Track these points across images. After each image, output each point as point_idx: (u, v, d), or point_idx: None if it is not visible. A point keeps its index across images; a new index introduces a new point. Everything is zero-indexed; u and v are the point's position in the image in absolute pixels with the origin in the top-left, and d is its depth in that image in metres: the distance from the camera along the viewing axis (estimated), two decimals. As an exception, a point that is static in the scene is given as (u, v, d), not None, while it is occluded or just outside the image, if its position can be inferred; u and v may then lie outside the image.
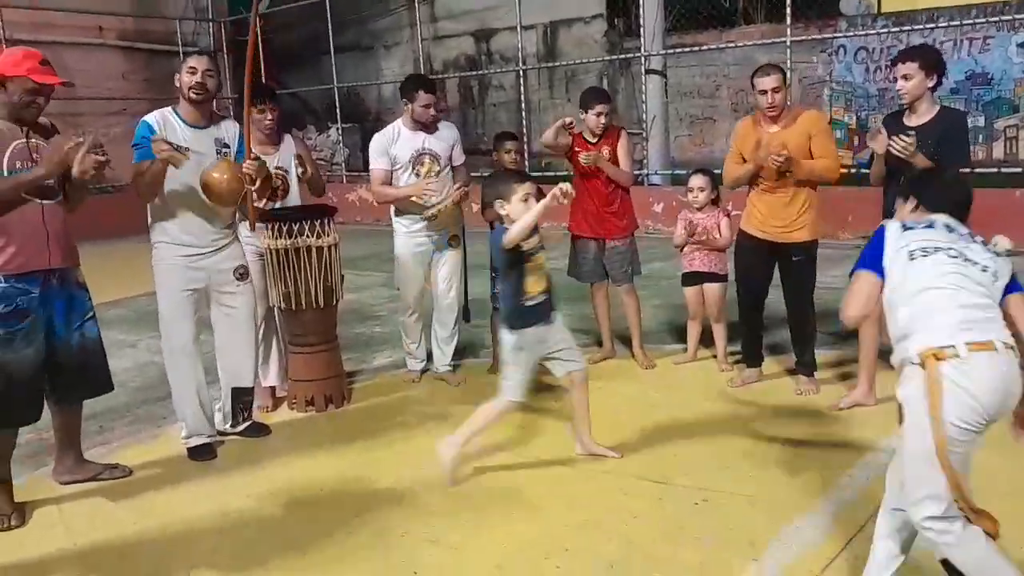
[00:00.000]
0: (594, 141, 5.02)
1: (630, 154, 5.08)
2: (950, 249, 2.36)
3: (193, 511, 3.55)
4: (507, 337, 3.64)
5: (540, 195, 3.55)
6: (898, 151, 3.84)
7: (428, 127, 4.79)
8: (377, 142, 4.83)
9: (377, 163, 4.81)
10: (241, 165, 3.91)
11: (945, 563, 2.37)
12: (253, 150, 4.37)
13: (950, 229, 2.45)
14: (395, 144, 4.78)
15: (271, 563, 3.10)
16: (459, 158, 4.97)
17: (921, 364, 2.25)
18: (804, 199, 4.36)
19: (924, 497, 2.26)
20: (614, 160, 4.98)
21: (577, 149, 5.02)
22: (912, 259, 2.36)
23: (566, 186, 3.38)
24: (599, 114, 4.93)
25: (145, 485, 3.84)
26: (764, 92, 4.28)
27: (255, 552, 3.19)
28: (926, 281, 2.33)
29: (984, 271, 2.35)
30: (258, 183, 3.95)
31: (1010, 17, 10.14)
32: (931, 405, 2.20)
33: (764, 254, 4.49)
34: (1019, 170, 8.84)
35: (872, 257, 2.45)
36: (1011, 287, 2.38)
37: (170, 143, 3.73)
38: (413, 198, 4.75)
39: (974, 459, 2.35)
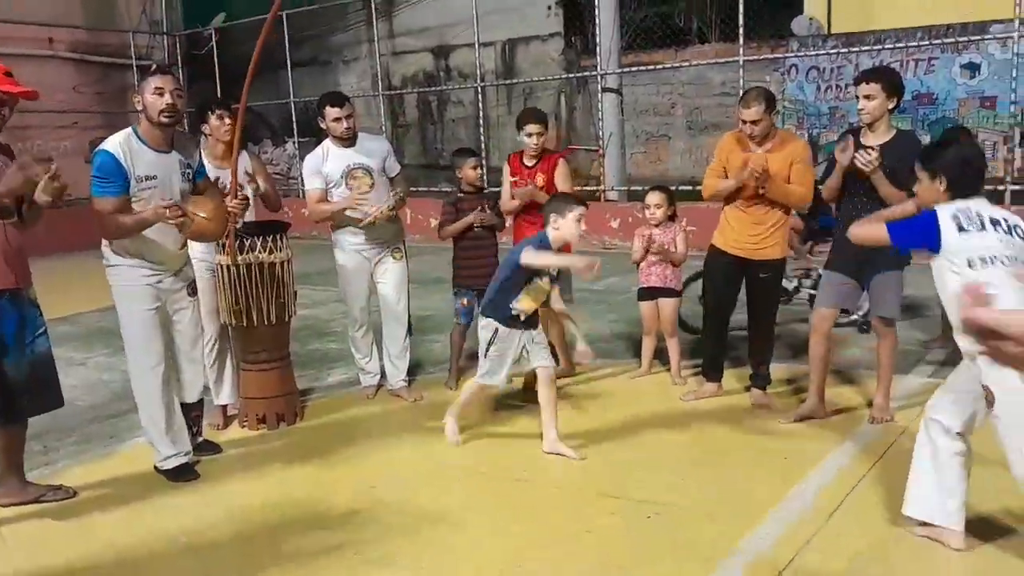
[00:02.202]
0: (531, 165, 4.95)
1: (569, 180, 4.99)
2: (1004, 258, 2.61)
3: (140, 534, 3.46)
4: (485, 328, 4.03)
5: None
6: (862, 165, 3.92)
7: (348, 141, 4.78)
8: (309, 163, 4.83)
9: (311, 183, 4.81)
10: (225, 204, 3.88)
11: None
12: (210, 165, 4.33)
13: (995, 225, 2.67)
14: (326, 162, 4.77)
15: (220, 585, 3.04)
16: (393, 168, 4.94)
17: None
18: (777, 218, 4.42)
19: None
20: (550, 187, 4.88)
21: (513, 178, 4.97)
22: (971, 267, 2.61)
23: (597, 266, 3.78)
24: (530, 134, 4.86)
25: (91, 507, 3.73)
26: (744, 122, 4.34)
27: (205, 574, 3.12)
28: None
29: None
30: (241, 222, 3.89)
31: (953, 39, 10.46)
32: None
33: (734, 270, 4.55)
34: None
35: (905, 236, 2.77)
36: None
37: (180, 206, 3.63)
38: (347, 211, 4.74)
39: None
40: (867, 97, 4.02)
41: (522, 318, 4.02)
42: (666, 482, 3.71)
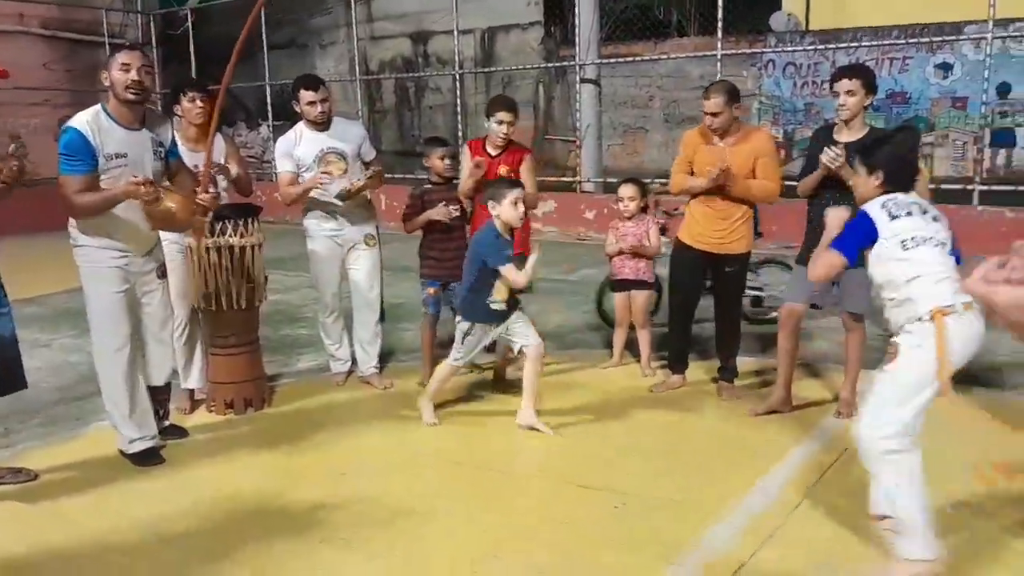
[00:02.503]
0: (494, 154, 4.77)
1: (534, 176, 4.85)
2: (932, 239, 2.85)
3: (105, 519, 3.42)
4: (461, 323, 4.13)
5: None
6: (827, 161, 3.95)
7: (323, 125, 4.73)
8: (281, 146, 4.78)
9: (283, 166, 4.75)
10: (195, 197, 3.82)
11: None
12: (183, 148, 4.26)
13: (924, 212, 2.91)
14: (298, 146, 4.73)
15: (186, 573, 3.02)
16: (369, 154, 4.89)
17: (931, 319, 2.73)
18: (742, 213, 4.45)
19: (886, 422, 2.74)
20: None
21: (477, 159, 4.74)
22: (905, 248, 2.83)
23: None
24: (500, 122, 4.69)
25: (55, 491, 3.68)
26: (706, 114, 4.36)
27: (170, 562, 3.10)
28: (919, 267, 2.80)
29: (945, 246, 2.86)
30: (210, 215, 3.89)
31: (928, 39, 10.57)
32: (939, 349, 2.68)
33: (699, 264, 4.58)
34: (934, 186, 9.18)
35: (850, 245, 2.93)
36: (954, 253, 2.89)
37: (153, 183, 3.58)
38: (315, 193, 4.70)
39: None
40: (848, 93, 4.04)
41: (502, 309, 4.05)
42: (633, 473, 3.73)
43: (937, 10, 11.11)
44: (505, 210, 4.03)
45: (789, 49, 12.40)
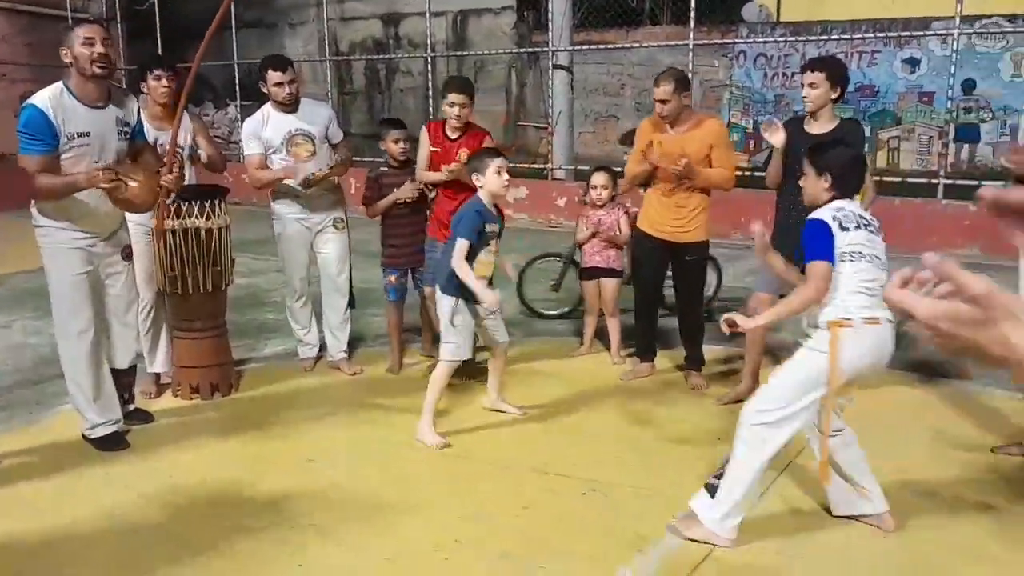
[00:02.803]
0: (454, 138, 4.65)
1: None
2: (873, 256, 2.97)
3: (68, 507, 3.36)
4: (445, 302, 3.93)
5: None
6: (770, 139, 4.07)
7: (290, 107, 4.66)
8: (248, 127, 4.72)
9: (251, 148, 4.69)
10: (158, 178, 3.75)
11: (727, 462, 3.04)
12: (148, 126, 4.18)
13: (867, 225, 3.02)
14: (266, 127, 4.66)
15: (152, 562, 2.98)
16: (336, 136, 4.85)
17: (827, 328, 2.92)
18: (698, 202, 4.48)
19: (770, 402, 2.97)
20: None
21: (435, 148, 4.65)
22: (842, 260, 2.96)
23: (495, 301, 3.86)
24: (452, 104, 4.56)
25: (12, 478, 3.60)
26: (655, 100, 4.39)
27: (135, 551, 3.06)
28: (843, 279, 2.94)
29: (879, 260, 2.99)
30: (172, 196, 3.82)
31: (896, 34, 10.69)
32: (831, 357, 2.87)
33: (659, 252, 4.61)
34: (899, 180, 9.31)
35: (824, 248, 3.01)
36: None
37: (115, 171, 3.49)
38: (286, 180, 4.64)
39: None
40: (811, 85, 4.09)
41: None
42: (601, 460, 3.75)
43: (906, 6, 11.24)
44: (489, 179, 3.91)
45: (760, 40, 12.46)
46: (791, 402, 2.93)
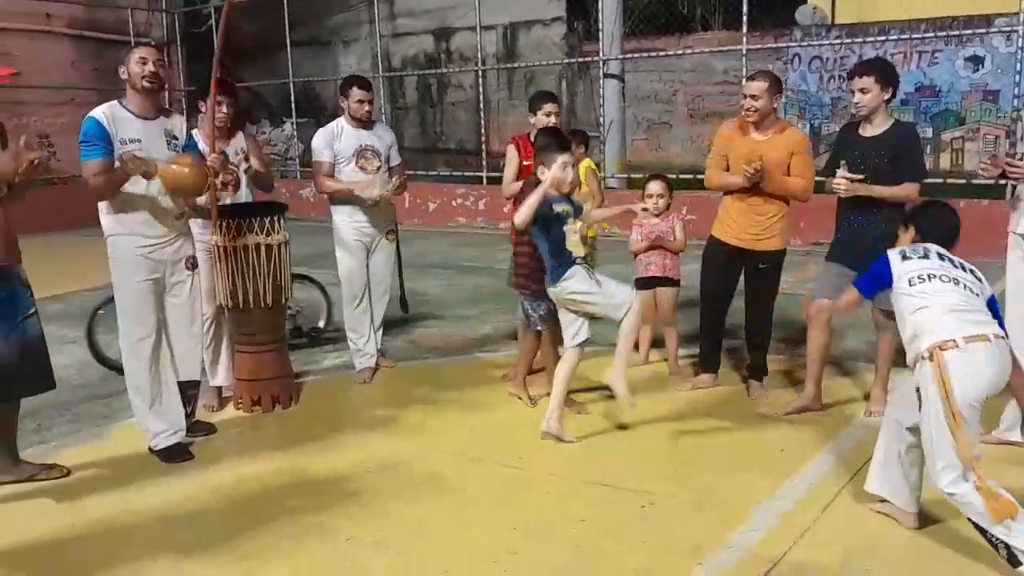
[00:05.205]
0: None
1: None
2: (942, 276, 2.95)
3: (133, 513, 3.46)
4: (553, 291, 4.05)
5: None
6: (842, 192, 4.00)
7: (365, 124, 5.00)
8: (322, 136, 5.01)
9: (322, 156, 4.97)
10: (204, 165, 3.93)
11: (972, 522, 2.78)
12: (202, 145, 4.34)
13: (941, 257, 3.03)
14: (339, 139, 4.97)
15: (213, 568, 3.03)
16: (395, 159, 5.18)
17: (930, 357, 2.80)
18: (776, 209, 4.40)
19: (942, 468, 2.76)
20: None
21: (527, 162, 4.67)
22: (911, 284, 2.96)
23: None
24: (548, 114, 4.72)
25: (84, 486, 3.73)
26: (745, 96, 4.32)
27: (196, 556, 3.11)
28: (924, 299, 2.91)
29: (966, 287, 2.93)
30: (221, 176, 4.04)
31: (957, 32, 10.40)
32: (941, 387, 2.75)
33: (733, 261, 4.52)
34: (964, 181, 9.05)
35: (868, 284, 3.15)
36: (991, 302, 2.98)
37: (140, 157, 3.68)
38: (356, 192, 4.90)
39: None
40: (862, 91, 4.03)
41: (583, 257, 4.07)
42: (660, 472, 3.70)
43: (965, 3, 10.92)
44: (553, 172, 4.00)
45: (815, 43, 12.24)
46: (948, 445, 2.77)
